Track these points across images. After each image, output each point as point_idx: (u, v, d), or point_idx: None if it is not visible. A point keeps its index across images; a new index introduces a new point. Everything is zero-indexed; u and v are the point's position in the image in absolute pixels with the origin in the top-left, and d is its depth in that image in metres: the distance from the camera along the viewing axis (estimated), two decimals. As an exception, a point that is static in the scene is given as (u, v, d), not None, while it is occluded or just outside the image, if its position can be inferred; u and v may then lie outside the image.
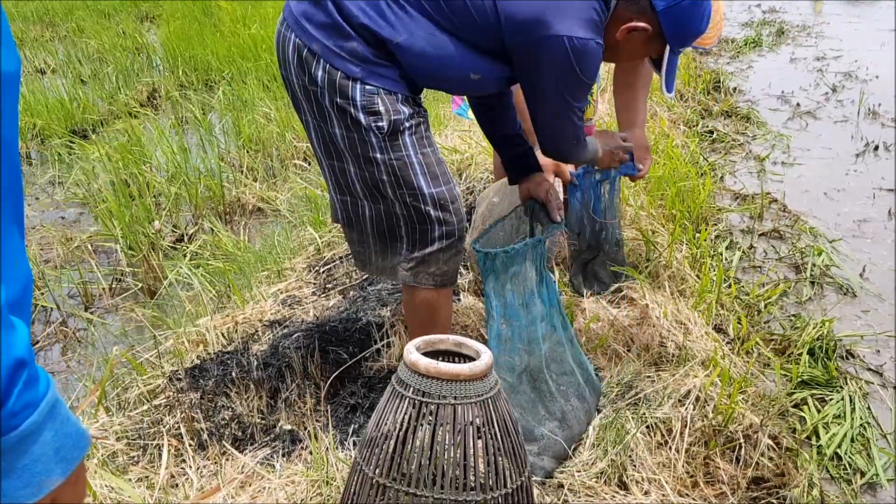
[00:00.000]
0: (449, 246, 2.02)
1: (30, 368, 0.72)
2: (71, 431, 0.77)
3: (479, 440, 1.56)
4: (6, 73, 0.76)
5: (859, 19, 9.38)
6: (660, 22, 1.97)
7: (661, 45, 2.04)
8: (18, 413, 0.71)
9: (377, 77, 1.87)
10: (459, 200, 2.04)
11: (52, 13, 10.61)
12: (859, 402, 2.42)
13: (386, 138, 1.90)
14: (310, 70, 1.88)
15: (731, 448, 2.12)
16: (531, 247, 1.98)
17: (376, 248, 2.09)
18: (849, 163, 4.71)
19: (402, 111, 1.90)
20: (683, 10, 1.96)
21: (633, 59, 2.17)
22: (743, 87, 6.44)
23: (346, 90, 1.86)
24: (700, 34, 2.06)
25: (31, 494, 0.73)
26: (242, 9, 9.34)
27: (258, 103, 5.73)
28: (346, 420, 2.23)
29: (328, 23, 1.85)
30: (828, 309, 3.04)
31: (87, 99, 6.21)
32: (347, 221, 2.12)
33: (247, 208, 4.42)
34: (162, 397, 2.35)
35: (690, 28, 2.02)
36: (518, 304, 1.98)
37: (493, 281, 1.95)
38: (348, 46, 1.84)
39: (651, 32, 1.99)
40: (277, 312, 2.85)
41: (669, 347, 2.48)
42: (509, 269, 1.94)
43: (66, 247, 3.81)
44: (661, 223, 3.45)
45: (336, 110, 1.90)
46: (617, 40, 2.00)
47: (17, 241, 0.78)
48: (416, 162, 1.93)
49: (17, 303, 0.76)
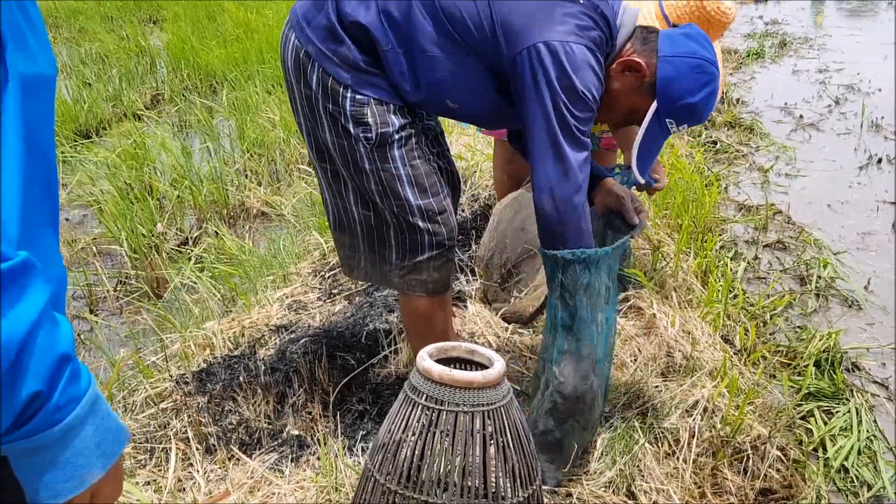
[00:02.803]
0: (438, 255, 2.01)
1: (73, 363, 0.74)
2: (111, 426, 0.78)
3: (492, 448, 1.56)
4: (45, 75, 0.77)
5: (861, 32, 9.42)
6: (657, 70, 1.83)
7: (649, 101, 1.87)
8: (63, 407, 0.72)
9: (368, 86, 1.85)
10: (449, 211, 2.01)
11: (55, 15, 10.62)
12: (865, 415, 2.42)
13: (374, 149, 1.88)
14: (306, 73, 1.87)
15: (738, 459, 2.12)
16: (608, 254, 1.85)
17: (366, 253, 2.08)
18: (852, 175, 4.72)
19: (392, 122, 1.87)
20: (685, 67, 1.82)
21: (615, 105, 1.92)
22: (746, 98, 6.46)
23: (337, 97, 1.85)
24: (692, 115, 1.87)
25: (72, 488, 0.74)
26: (247, 13, 9.36)
27: (262, 107, 5.74)
28: (354, 426, 2.23)
29: (325, 25, 1.83)
30: (833, 321, 3.04)
31: (91, 101, 6.21)
32: (338, 225, 2.11)
33: (251, 212, 4.42)
34: (169, 401, 2.34)
35: (684, 93, 1.83)
36: (589, 321, 1.85)
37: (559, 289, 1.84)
38: (340, 51, 1.83)
39: (644, 79, 1.85)
40: (284, 317, 2.85)
41: (677, 357, 2.49)
42: (579, 278, 1.81)
43: (71, 248, 3.80)
44: (666, 233, 3.46)
45: (328, 116, 1.89)
46: (609, 75, 1.87)
47: (52, 242, 0.79)
48: (403, 174, 1.91)
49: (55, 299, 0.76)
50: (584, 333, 1.86)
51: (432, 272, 2.02)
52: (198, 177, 4.51)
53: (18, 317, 0.68)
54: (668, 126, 1.88)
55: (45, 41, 0.78)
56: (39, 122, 0.76)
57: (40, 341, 0.70)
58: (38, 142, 0.76)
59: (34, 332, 0.69)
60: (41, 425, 0.71)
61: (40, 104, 0.77)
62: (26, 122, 0.73)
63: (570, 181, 1.79)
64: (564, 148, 1.77)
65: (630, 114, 1.94)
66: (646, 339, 2.56)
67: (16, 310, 0.68)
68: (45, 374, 0.70)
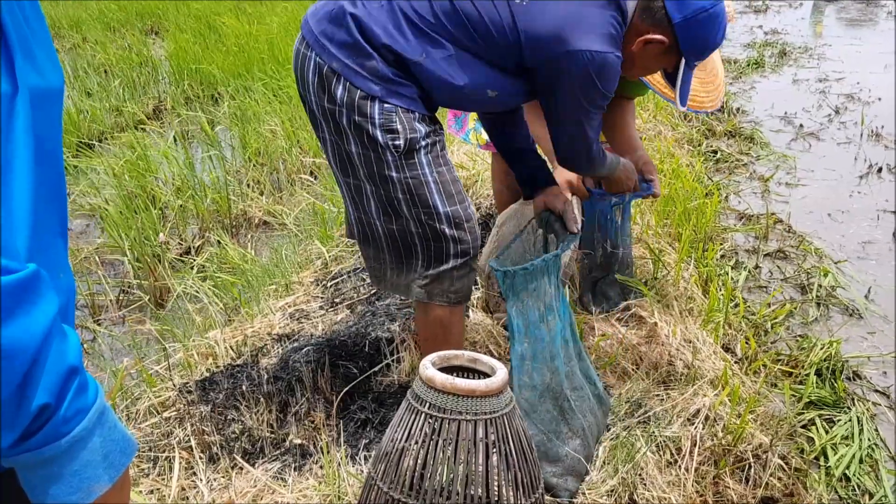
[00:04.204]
0: (463, 264, 2.03)
1: (80, 375, 0.74)
2: (118, 438, 0.78)
3: (494, 456, 1.57)
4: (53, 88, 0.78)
5: (860, 41, 9.45)
6: (675, 34, 1.99)
7: (676, 57, 2.05)
8: (70, 419, 0.72)
9: (396, 96, 1.89)
10: (475, 219, 2.06)
11: (58, 25, 10.67)
12: (867, 424, 2.42)
13: (402, 156, 1.92)
14: (330, 88, 1.90)
15: (740, 468, 2.13)
16: (550, 262, 1.98)
17: (392, 264, 2.10)
18: (853, 184, 4.73)
19: (419, 129, 1.92)
20: (700, 23, 1.97)
21: (648, 72, 2.17)
22: (746, 107, 6.47)
23: (364, 108, 1.89)
24: (716, 46, 2.07)
25: (79, 500, 0.74)
26: (249, 23, 9.40)
27: (264, 117, 5.76)
28: (357, 435, 2.23)
29: (349, 42, 1.87)
30: (834, 330, 3.05)
31: (94, 110, 6.24)
32: (363, 238, 2.14)
33: (253, 222, 4.44)
34: (172, 410, 2.35)
35: (707, 40, 2.02)
36: (539, 321, 1.98)
37: (514, 300, 1.95)
38: (369, 65, 1.87)
39: (667, 45, 2.01)
40: (286, 326, 2.86)
41: (678, 366, 2.49)
42: (529, 286, 1.94)
43: (75, 257, 3.82)
44: (667, 242, 3.47)
45: (353, 128, 1.92)
46: (633, 52, 2.02)
47: (62, 252, 0.79)
48: (431, 180, 1.95)
49: (63, 311, 0.77)
50: (536, 335, 1.98)
51: (455, 282, 2.04)
52: (200, 186, 4.53)
53: (29, 329, 0.68)
54: (694, 65, 2.09)
55: (52, 54, 0.79)
56: (49, 134, 0.77)
57: (50, 354, 0.70)
58: (48, 153, 0.77)
59: (45, 344, 0.69)
60: (48, 437, 0.71)
61: (49, 116, 0.78)
62: (36, 135, 0.74)
63: (587, 149, 2.14)
64: (585, 127, 2.05)
65: (657, 70, 2.16)
66: (647, 348, 2.56)
67: (26, 322, 0.68)
68: (55, 386, 0.70)
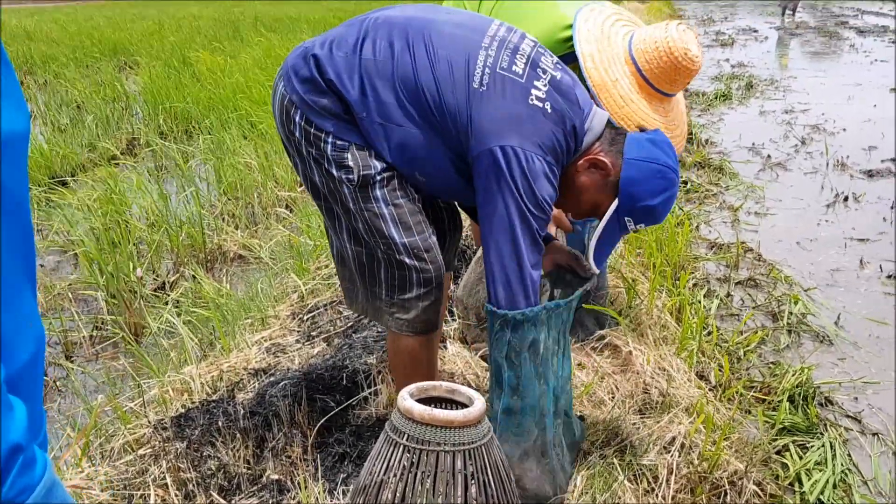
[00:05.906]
0: (427, 293, 2.04)
1: (26, 452, 0.70)
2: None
3: (473, 488, 1.57)
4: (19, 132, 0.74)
5: (825, 74, 9.69)
6: (621, 169, 1.93)
7: (611, 197, 1.97)
8: (13, 499, 0.69)
9: (349, 132, 1.90)
10: (435, 249, 2.04)
11: (31, 61, 10.64)
12: (840, 449, 2.45)
13: (357, 190, 1.93)
14: (291, 119, 1.94)
15: (716, 494, 2.14)
16: (551, 310, 1.89)
17: (362, 288, 2.12)
18: (820, 213, 4.83)
19: (374, 166, 1.91)
20: (647, 171, 1.92)
21: (579, 199, 2.02)
22: (714, 139, 6.60)
23: (319, 143, 1.91)
24: (650, 216, 1.97)
25: None
26: (222, 59, 9.44)
27: (239, 151, 5.77)
28: (335, 469, 2.22)
29: (308, 77, 1.90)
30: (805, 356, 3.09)
31: (66, 147, 6.21)
32: (340, 258, 2.16)
33: (228, 256, 4.42)
34: (147, 447, 2.32)
35: (645, 195, 1.93)
36: (533, 376, 1.88)
37: (505, 347, 1.86)
38: (322, 102, 1.89)
39: (609, 177, 1.94)
40: (262, 360, 2.85)
41: (653, 394, 2.52)
42: (526, 336, 1.85)
43: (48, 293, 3.78)
44: (640, 271, 3.51)
45: (312, 160, 1.96)
46: (576, 170, 1.96)
47: (30, 301, 0.77)
48: (386, 213, 1.95)
49: (31, 361, 0.75)
50: (528, 390, 1.90)
51: (419, 312, 2.04)
52: (175, 220, 4.51)
53: None
54: (626, 223, 1.98)
55: (18, 96, 0.76)
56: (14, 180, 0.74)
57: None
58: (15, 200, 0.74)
59: None
60: None
61: (14, 161, 0.74)
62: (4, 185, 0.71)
63: (524, 283, 1.86)
64: (522, 247, 1.85)
65: (593, 208, 2.02)
66: (622, 377, 2.59)
67: None
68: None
